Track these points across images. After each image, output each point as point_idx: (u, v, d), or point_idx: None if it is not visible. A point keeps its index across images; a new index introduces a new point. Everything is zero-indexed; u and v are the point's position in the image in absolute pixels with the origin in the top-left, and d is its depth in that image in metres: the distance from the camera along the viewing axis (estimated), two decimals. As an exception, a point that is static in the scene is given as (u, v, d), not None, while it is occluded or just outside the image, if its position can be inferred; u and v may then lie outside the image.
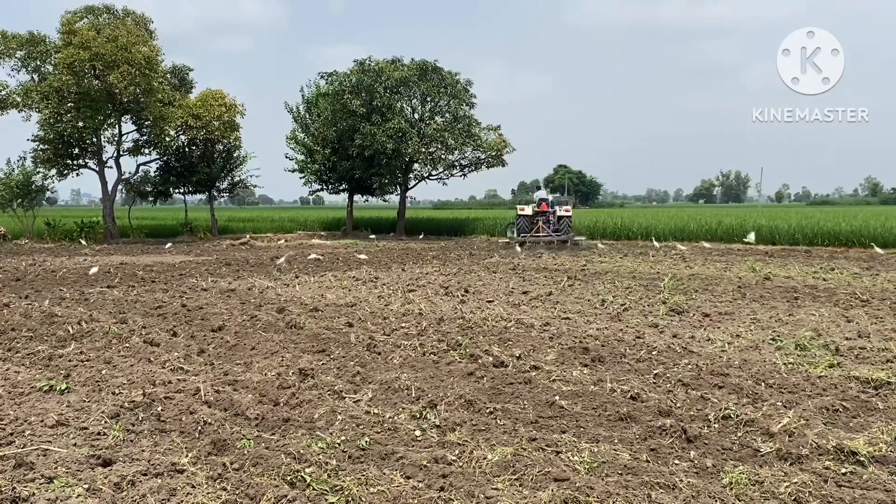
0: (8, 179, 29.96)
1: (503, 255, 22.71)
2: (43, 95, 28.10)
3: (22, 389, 6.34)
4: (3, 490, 4.06)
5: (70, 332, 8.98)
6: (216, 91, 31.72)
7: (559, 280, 14.87)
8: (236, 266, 18.69)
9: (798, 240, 27.13)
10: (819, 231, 27.04)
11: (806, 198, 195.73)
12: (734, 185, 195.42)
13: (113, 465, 4.51)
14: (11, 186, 29.76)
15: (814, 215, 35.48)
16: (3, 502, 3.91)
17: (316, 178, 37.31)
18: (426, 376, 6.76)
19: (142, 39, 28.44)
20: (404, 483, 4.25)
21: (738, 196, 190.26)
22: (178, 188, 34.85)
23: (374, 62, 33.46)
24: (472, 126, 34.32)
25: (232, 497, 4.05)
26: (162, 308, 11.02)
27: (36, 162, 30.42)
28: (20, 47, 28.69)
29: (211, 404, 5.85)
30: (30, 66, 29.37)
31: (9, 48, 28.51)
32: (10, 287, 13.93)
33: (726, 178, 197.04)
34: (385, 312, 10.63)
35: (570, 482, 4.24)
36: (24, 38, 28.67)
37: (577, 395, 6.16)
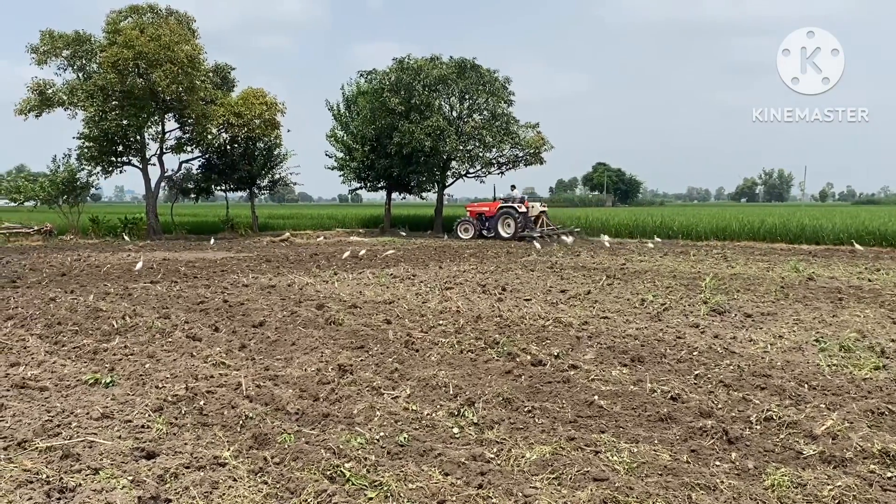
0: (54, 176, 30.55)
1: (541, 253, 22.62)
2: (88, 94, 28.59)
3: (68, 382, 6.48)
4: (51, 480, 4.17)
5: (114, 326, 9.16)
6: (257, 89, 32.01)
7: (598, 279, 14.77)
8: (276, 263, 18.88)
9: (842, 239, 26.64)
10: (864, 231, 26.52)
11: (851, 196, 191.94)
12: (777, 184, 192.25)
13: (156, 457, 4.60)
14: (57, 183, 30.32)
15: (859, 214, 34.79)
16: (51, 492, 4.01)
17: (355, 176, 37.54)
18: (464, 374, 6.78)
19: (184, 38, 28.79)
20: (442, 480, 4.27)
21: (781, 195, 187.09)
22: (219, 185, 35.28)
23: (412, 60, 33.54)
24: (510, 123, 34.22)
25: (273, 490, 4.11)
26: (204, 303, 11.18)
27: (81, 159, 30.98)
28: (66, 46, 29.18)
29: (252, 399, 5.93)
30: (76, 64, 29.86)
31: (55, 47, 29.02)
32: (57, 282, 14.24)
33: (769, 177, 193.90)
34: (422, 310, 10.66)
35: (609, 482, 4.22)
36: (70, 38, 29.17)
37: (616, 394, 6.13)
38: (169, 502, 3.92)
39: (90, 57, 29.47)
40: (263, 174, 35.40)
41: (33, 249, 24.26)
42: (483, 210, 32.07)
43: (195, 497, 3.98)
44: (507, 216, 30.99)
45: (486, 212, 31.83)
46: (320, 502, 3.95)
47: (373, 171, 36.52)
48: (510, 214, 31.02)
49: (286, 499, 4.02)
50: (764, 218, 31.74)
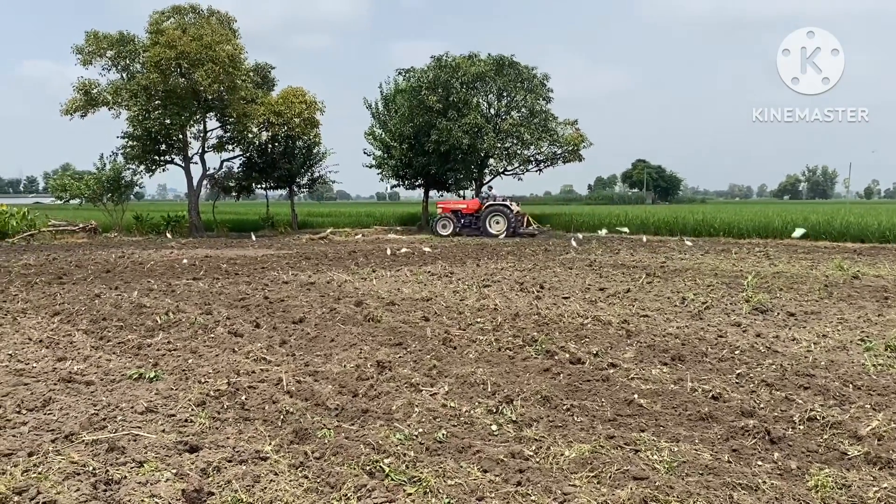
0: (99, 175, 31.19)
1: (579, 251, 22.50)
2: (132, 93, 29.12)
3: (113, 377, 6.61)
4: (97, 472, 4.25)
5: (158, 322, 9.32)
6: (297, 88, 32.32)
7: (637, 277, 14.65)
8: (315, 260, 19.05)
9: (888, 237, 26.07)
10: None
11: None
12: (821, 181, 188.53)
13: (199, 451, 4.67)
14: (102, 181, 30.97)
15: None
16: (97, 484, 4.09)
17: (393, 174, 37.71)
18: (502, 371, 6.77)
19: (225, 38, 29.18)
20: (481, 476, 4.28)
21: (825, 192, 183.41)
22: (260, 184, 35.72)
23: (450, 58, 33.56)
24: (548, 121, 34.09)
25: (313, 485, 4.16)
26: (245, 300, 11.32)
27: (125, 158, 31.60)
28: (111, 47, 29.75)
29: (293, 394, 5.99)
30: (119, 65, 30.43)
31: (100, 48, 29.59)
32: (101, 278, 14.53)
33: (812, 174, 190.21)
34: (460, 307, 10.67)
35: (649, 481, 4.19)
36: (114, 38, 29.73)
37: (656, 393, 6.07)
38: (212, 495, 3.98)
39: (134, 57, 30.01)
40: (303, 172, 35.77)
41: (78, 246, 24.78)
42: (460, 207, 32.45)
43: (237, 490, 4.03)
44: (499, 214, 31.19)
45: (464, 209, 32.22)
46: (360, 497, 3.98)
47: (410, 168, 36.65)
48: (502, 212, 31.22)
49: (326, 493, 4.06)
50: (807, 215, 31.18)
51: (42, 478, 4.18)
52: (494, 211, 31.20)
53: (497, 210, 31.22)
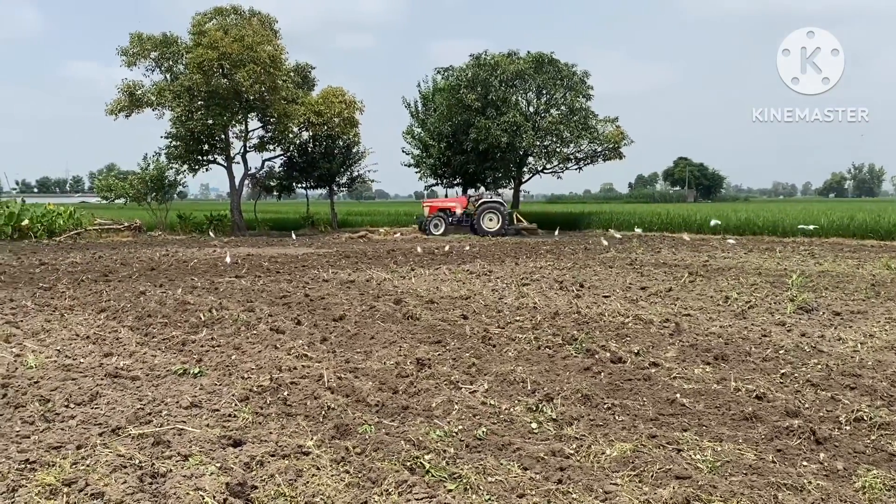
0: (144, 174, 31.73)
1: (619, 250, 22.31)
2: (175, 94, 29.55)
3: (158, 372, 6.72)
4: (143, 465, 4.33)
5: (202, 318, 9.46)
6: (337, 88, 32.51)
7: (679, 276, 14.49)
8: (355, 258, 19.17)
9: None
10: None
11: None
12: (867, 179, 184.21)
13: (243, 445, 4.73)
14: (147, 181, 31.50)
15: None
16: (143, 477, 4.17)
17: (431, 173, 37.79)
18: (542, 370, 6.75)
19: (267, 39, 29.48)
20: (522, 474, 4.27)
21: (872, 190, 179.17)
22: (300, 183, 36.04)
23: (489, 56, 33.48)
24: (588, 118, 33.81)
25: (355, 480, 4.19)
26: (286, 297, 11.44)
27: (169, 158, 32.11)
28: (154, 48, 30.24)
29: (334, 390, 6.04)
30: (163, 66, 30.92)
31: (144, 49, 30.10)
32: (146, 276, 14.79)
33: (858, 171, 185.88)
34: (499, 305, 10.66)
35: (691, 480, 4.15)
36: (157, 40, 30.22)
37: (698, 393, 6.01)
38: (255, 489, 4.03)
39: (177, 58, 30.48)
40: (342, 171, 35.98)
41: (123, 245, 25.26)
42: (448, 206, 32.10)
43: (280, 484, 4.08)
44: (493, 211, 31.01)
45: (452, 207, 31.93)
46: (401, 493, 4.00)
47: (449, 167, 36.68)
48: (497, 210, 31.03)
49: (368, 488, 4.08)
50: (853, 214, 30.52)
51: (90, 470, 4.27)
52: (489, 208, 31.05)
53: (492, 207, 31.10)
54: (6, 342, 7.99)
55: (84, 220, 30.07)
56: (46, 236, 27.63)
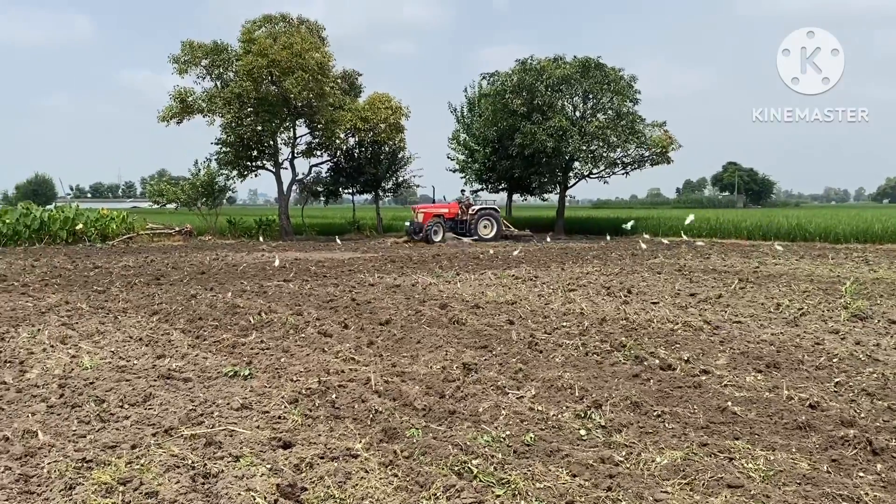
0: (194, 180, 32.32)
1: (668, 255, 22.04)
2: (225, 101, 30.03)
3: (210, 374, 6.84)
4: (196, 466, 4.40)
5: (251, 322, 9.59)
6: (383, 94, 32.73)
7: (729, 282, 14.24)
8: (400, 263, 19.26)
9: None
10: None
11: None
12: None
13: (292, 447, 4.78)
14: (197, 186, 32.07)
15: None
16: (196, 477, 4.24)
17: (476, 178, 37.83)
18: (589, 376, 6.69)
19: (314, 46, 29.78)
20: (570, 481, 4.24)
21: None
22: (346, 188, 36.35)
23: (535, 61, 33.38)
24: (635, 122, 33.46)
25: (403, 483, 4.20)
26: (333, 301, 11.54)
27: (219, 164, 32.65)
28: (205, 56, 30.77)
29: (381, 394, 6.07)
30: (213, 73, 31.44)
31: (195, 57, 30.64)
32: (197, 279, 15.05)
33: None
34: (545, 311, 10.61)
35: (744, 489, 4.08)
36: (208, 48, 30.74)
37: (750, 401, 5.90)
38: (305, 491, 4.07)
39: (227, 65, 30.95)
40: (388, 177, 36.19)
41: (175, 249, 25.73)
42: (442, 212, 31.17)
43: (329, 486, 4.11)
44: (490, 217, 30.75)
45: (446, 213, 31.13)
46: (449, 497, 4.00)
47: (494, 172, 36.68)
48: (492, 216, 30.76)
49: (416, 492, 4.09)
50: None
51: (144, 469, 4.35)
52: (485, 214, 30.88)
53: (487, 213, 30.96)
54: (62, 343, 8.20)
55: (136, 225, 30.71)
56: (100, 240, 28.29)
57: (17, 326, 9.22)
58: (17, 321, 9.62)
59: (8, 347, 7.95)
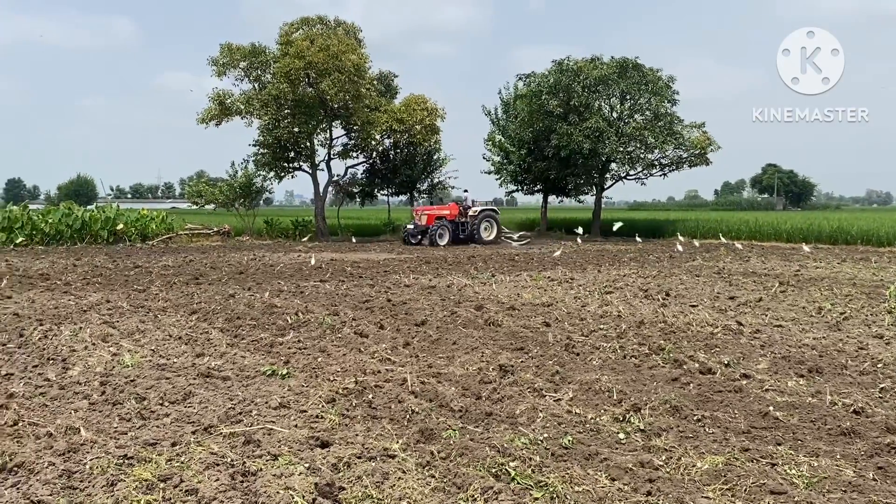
0: (232, 181, 32.66)
1: (707, 258, 21.77)
2: (263, 103, 30.32)
3: (248, 373, 6.89)
4: (235, 464, 4.44)
5: (288, 321, 9.66)
6: (419, 96, 32.79)
7: (769, 286, 14.02)
8: (435, 264, 19.27)
9: None
10: None
11: None
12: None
13: (330, 447, 4.80)
14: (235, 188, 32.40)
15: None
16: (235, 475, 4.27)
17: (511, 179, 37.69)
18: (627, 379, 6.63)
19: (351, 48, 29.94)
20: (609, 485, 4.19)
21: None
22: (382, 189, 36.48)
23: (572, 61, 33.18)
24: (673, 123, 33.09)
25: (440, 484, 4.19)
26: (369, 302, 11.58)
27: (256, 165, 32.95)
28: (243, 58, 31.09)
29: (417, 394, 6.07)
30: (251, 75, 31.75)
31: (234, 59, 30.98)
32: (235, 279, 15.20)
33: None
34: (582, 313, 10.53)
35: (787, 496, 4.00)
36: (247, 50, 31.06)
37: (792, 406, 5.80)
38: (343, 490, 4.08)
39: (265, 68, 31.23)
40: (423, 178, 36.24)
41: (213, 249, 26.04)
42: (444, 213, 29.94)
43: (367, 486, 4.12)
44: (490, 220, 30.01)
45: (448, 215, 29.82)
46: (487, 499, 3.98)
47: (529, 174, 36.51)
48: (493, 218, 30.06)
49: (453, 493, 4.08)
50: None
51: (184, 467, 4.40)
52: (486, 216, 30.08)
53: (488, 215, 30.20)
54: (104, 341, 8.33)
55: (175, 225, 31.15)
56: (140, 240, 28.72)
57: (59, 324, 9.38)
58: (60, 319, 9.79)
59: (51, 345, 8.09)
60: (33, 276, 15.15)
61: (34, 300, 11.58)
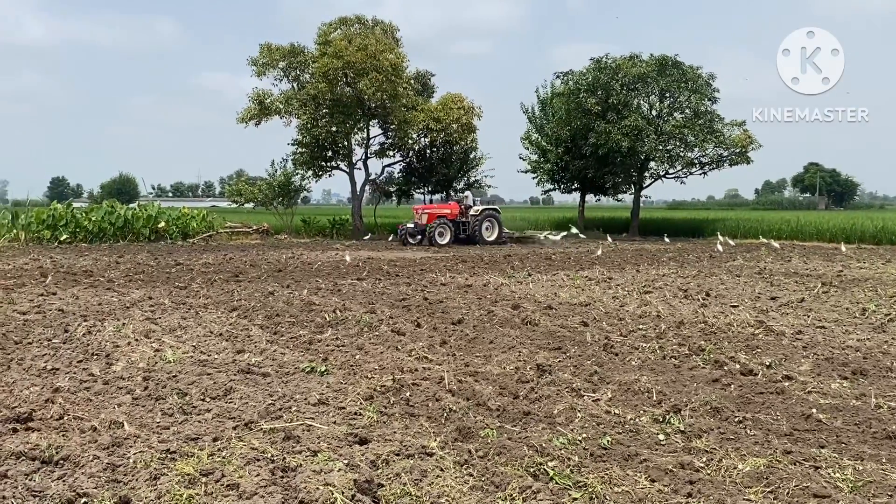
0: (272, 180, 32.99)
1: (747, 258, 21.46)
2: (301, 102, 30.57)
3: (287, 370, 6.96)
4: (275, 459, 4.49)
5: (326, 319, 9.73)
6: (455, 95, 32.79)
7: (811, 286, 13.79)
8: (471, 263, 19.26)
9: None
10: None
11: None
12: None
13: (368, 443, 4.83)
14: (274, 187, 32.71)
15: None
16: (275, 470, 4.32)
17: (548, 178, 37.54)
18: (667, 380, 6.57)
19: (389, 47, 30.06)
20: (649, 486, 4.16)
21: None
22: (418, 188, 36.55)
23: (610, 59, 32.98)
24: (714, 122, 32.68)
25: (478, 483, 4.19)
26: (406, 300, 11.61)
27: (295, 164, 33.25)
28: (283, 58, 31.39)
29: (454, 393, 6.08)
30: (290, 75, 32.03)
31: (273, 59, 31.28)
32: (274, 277, 15.35)
33: None
34: (620, 313, 10.46)
35: (831, 499, 3.94)
36: (286, 50, 31.34)
37: (836, 409, 5.70)
38: (381, 487, 4.10)
39: (303, 67, 31.47)
40: (459, 177, 36.23)
41: (252, 247, 26.33)
42: (445, 212, 28.99)
43: (406, 483, 4.13)
44: (492, 219, 29.02)
45: (448, 214, 28.85)
46: (525, 498, 3.97)
47: (567, 172, 36.35)
48: (495, 217, 29.13)
49: (491, 492, 4.08)
50: None
51: (226, 462, 4.45)
52: (488, 216, 29.06)
53: (490, 215, 29.16)
54: (146, 337, 8.47)
55: (215, 223, 31.54)
56: (181, 238, 29.15)
57: (103, 320, 9.55)
58: (104, 315, 9.97)
59: (95, 340, 8.24)
60: (77, 273, 15.45)
61: (78, 296, 11.81)
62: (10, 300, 11.05)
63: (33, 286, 12.95)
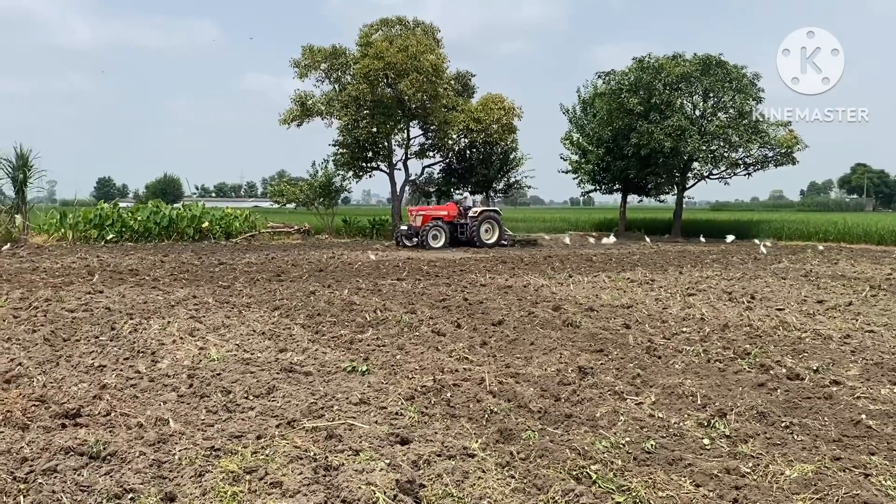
0: (313, 181, 33.27)
1: (793, 260, 21.07)
2: (343, 104, 30.75)
3: (329, 369, 7.00)
4: (318, 458, 4.51)
5: (367, 319, 9.77)
6: (496, 95, 32.72)
7: (860, 289, 13.49)
8: (512, 264, 19.20)
9: None
10: None
11: None
12: None
13: (410, 444, 4.83)
14: (315, 187, 32.99)
15: None
16: (317, 469, 4.34)
17: (589, 179, 37.31)
18: (712, 384, 6.47)
19: (429, 48, 30.09)
20: (694, 491, 4.10)
21: None
22: (458, 189, 36.55)
23: (653, 59, 32.63)
24: (758, 122, 32.16)
25: (520, 485, 4.17)
26: (446, 301, 11.62)
27: (336, 165, 33.49)
28: (324, 60, 31.61)
29: (495, 394, 6.06)
30: (332, 76, 32.24)
31: (315, 61, 31.52)
32: (315, 277, 15.48)
33: None
34: (663, 316, 10.34)
35: (883, 508, 3.84)
36: (327, 51, 31.56)
37: (886, 414, 5.57)
38: (423, 487, 4.10)
39: (345, 69, 31.66)
40: (499, 177, 36.15)
41: (293, 247, 26.57)
42: (441, 214, 28.05)
43: (448, 484, 4.13)
44: (492, 220, 27.96)
45: (445, 216, 27.82)
46: (568, 501, 3.94)
47: (608, 173, 36.10)
48: (495, 219, 28.12)
49: (534, 494, 4.06)
50: None
51: (269, 460, 4.50)
52: (487, 218, 28.00)
53: (489, 217, 28.13)
54: (191, 335, 8.59)
55: (258, 223, 31.90)
56: (224, 238, 29.53)
57: (148, 318, 9.71)
58: (149, 313, 10.14)
59: (141, 338, 8.39)
60: (123, 272, 15.74)
61: (124, 295, 12.03)
62: (59, 298, 11.28)
63: (81, 285, 13.21)
